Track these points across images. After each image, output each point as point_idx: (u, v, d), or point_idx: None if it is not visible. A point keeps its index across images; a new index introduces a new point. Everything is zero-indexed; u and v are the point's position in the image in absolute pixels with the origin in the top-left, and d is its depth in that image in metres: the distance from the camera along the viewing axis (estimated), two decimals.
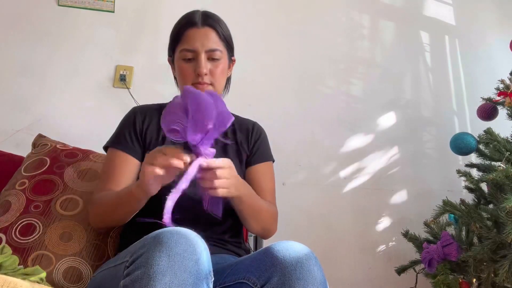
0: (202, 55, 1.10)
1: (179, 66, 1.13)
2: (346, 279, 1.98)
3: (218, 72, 1.12)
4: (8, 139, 1.91)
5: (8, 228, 1.13)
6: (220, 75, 1.13)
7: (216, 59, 1.12)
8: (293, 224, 1.96)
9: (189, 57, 1.11)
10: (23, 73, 2.01)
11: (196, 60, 1.10)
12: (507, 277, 1.25)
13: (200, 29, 1.11)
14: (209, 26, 1.12)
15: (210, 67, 1.11)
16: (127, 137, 1.15)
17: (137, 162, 1.13)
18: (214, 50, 1.11)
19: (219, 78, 1.13)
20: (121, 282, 0.75)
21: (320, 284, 0.82)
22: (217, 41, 1.12)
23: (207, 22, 1.12)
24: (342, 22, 2.25)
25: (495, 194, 1.44)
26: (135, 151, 1.14)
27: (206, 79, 1.11)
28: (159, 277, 0.71)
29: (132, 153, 1.13)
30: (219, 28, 1.13)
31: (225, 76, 1.18)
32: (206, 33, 1.11)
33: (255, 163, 1.22)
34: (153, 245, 0.75)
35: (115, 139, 1.16)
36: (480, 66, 2.25)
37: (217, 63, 1.12)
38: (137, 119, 1.17)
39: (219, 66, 1.12)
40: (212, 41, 1.11)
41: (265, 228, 1.16)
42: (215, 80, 1.12)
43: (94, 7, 2.10)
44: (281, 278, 0.81)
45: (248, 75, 2.08)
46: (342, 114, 2.15)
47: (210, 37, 1.11)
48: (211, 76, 1.11)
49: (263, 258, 0.86)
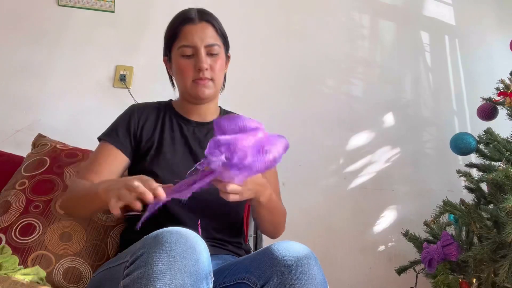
0: (201, 50, 1.09)
1: (178, 63, 1.12)
2: (346, 279, 1.98)
3: (217, 67, 1.12)
4: (8, 139, 1.91)
5: (8, 228, 1.13)
6: (220, 70, 1.13)
7: (215, 54, 1.11)
8: (293, 224, 1.94)
9: (188, 54, 1.10)
10: (23, 73, 2.01)
11: (195, 55, 1.10)
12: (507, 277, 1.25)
13: (197, 25, 1.10)
14: (206, 21, 1.12)
15: (209, 62, 1.10)
16: (119, 133, 1.14)
17: (125, 158, 1.13)
18: (212, 45, 1.10)
19: (219, 73, 1.13)
20: (121, 282, 0.75)
21: (319, 284, 0.82)
22: (215, 36, 1.12)
23: (204, 17, 1.12)
24: (342, 22, 2.25)
25: (495, 194, 1.44)
26: (125, 147, 1.13)
27: (207, 74, 1.10)
28: (159, 277, 0.71)
29: (122, 148, 1.13)
30: (216, 23, 1.13)
31: (224, 72, 1.18)
32: (204, 28, 1.10)
33: None
34: (153, 245, 0.75)
35: (109, 132, 1.16)
36: (480, 66, 2.25)
37: (216, 58, 1.11)
38: (133, 118, 1.17)
39: (218, 61, 1.12)
40: (210, 36, 1.11)
41: (277, 228, 1.18)
42: (215, 75, 1.12)
43: (94, 7, 2.10)
44: (281, 278, 0.81)
45: (248, 75, 2.09)
46: (342, 114, 2.15)
47: (208, 32, 1.11)
48: (211, 71, 1.11)
49: (262, 258, 0.86)
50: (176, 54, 1.12)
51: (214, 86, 1.13)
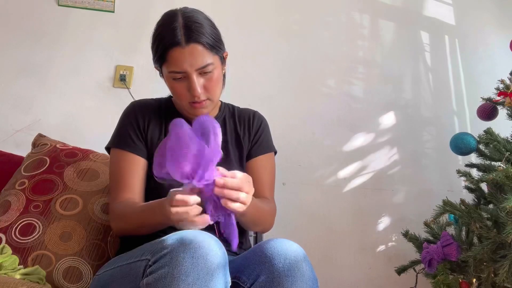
0: (193, 76, 1.03)
1: (171, 85, 1.08)
2: (346, 279, 1.98)
3: (212, 85, 1.07)
4: (8, 139, 1.91)
5: (8, 228, 1.13)
6: (215, 86, 1.08)
7: (208, 72, 1.05)
8: (293, 224, 1.96)
9: (179, 77, 1.04)
10: (23, 73, 2.01)
11: (187, 79, 1.04)
12: (507, 277, 1.25)
13: (185, 48, 1.01)
14: (194, 41, 1.02)
15: (203, 83, 1.05)
16: (132, 136, 1.12)
17: (144, 161, 1.11)
18: (204, 66, 1.03)
19: (215, 89, 1.08)
20: (144, 280, 0.78)
21: (309, 280, 0.83)
22: (205, 55, 1.03)
23: (191, 37, 1.02)
24: (342, 22, 2.25)
25: (495, 194, 1.44)
26: (140, 150, 1.12)
27: (202, 97, 1.06)
28: (182, 277, 0.74)
29: (139, 153, 1.11)
30: (204, 39, 1.03)
31: (221, 82, 1.12)
32: (192, 52, 1.01)
33: (256, 155, 1.21)
34: (176, 246, 0.77)
35: (119, 139, 1.14)
36: (480, 66, 2.25)
37: (210, 75, 1.05)
38: (138, 115, 1.15)
39: (213, 77, 1.06)
40: (200, 58, 1.02)
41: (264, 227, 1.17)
42: (211, 93, 1.08)
43: (94, 7, 2.10)
44: (269, 276, 0.82)
45: (248, 75, 2.09)
46: (342, 114, 2.15)
47: (197, 54, 1.02)
48: (206, 92, 1.06)
49: (252, 256, 0.88)
50: (167, 76, 1.07)
51: (212, 102, 1.11)
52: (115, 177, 1.11)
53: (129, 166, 1.10)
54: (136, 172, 1.10)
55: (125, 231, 1.07)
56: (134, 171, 1.10)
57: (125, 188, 1.08)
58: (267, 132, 1.27)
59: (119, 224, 1.07)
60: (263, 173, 1.19)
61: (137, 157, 1.11)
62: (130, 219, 1.03)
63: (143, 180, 1.11)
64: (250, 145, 1.22)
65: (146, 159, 1.12)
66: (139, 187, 1.09)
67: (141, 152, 1.12)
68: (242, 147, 1.20)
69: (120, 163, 1.11)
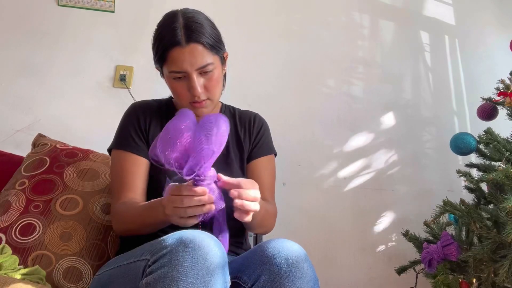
0: (193, 76, 1.04)
1: (171, 85, 1.09)
2: (346, 279, 1.98)
3: (213, 85, 1.07)
4: (8, 139, 1.91)
5: (8, 228, 1.13)
6: (216, 85, 1.09)
7: (208, 72, 1.06)
8: (293, 224, 1.96)
9: (179, 77, 1.05)
10: (23, 73, 2.01)
11: (187, 79, 1.05)
12: (507, 277, 1.25)
13: (185, 48, 1.02)
14: (194, 41, 1.03)
15: (203, 82, 1.06)
16: (133, 136, 1.13)
17: (146, 161, 1.12)
18: (204, 66, 1.04)
19: (215, 89, 1.09)
20: (144, 280, 0.78)
21: (310, 280, 0.83)
22: (205, 55, 1.04)
23: (191, 37, 1.03)
24: (342, 22, 2.25)
25: (495, 194, 1.44)
26: (142, 150, 1.12)
27: (202, 97, 1.07)
28: (182, 277, 0.74)
29: (140, 153, 1.12)
30: (205, 39, 1.04)
31: (221, 82, 1.13)
32: (192, 51, 1.02)
33: (256, 156, 1.21)
34: (176, 246, 0.77)
35: (120, 140, 1.14)
36: (480, 66, 2.25)
37: (210, 75, 1.06)
38: (139, 116, 1.16)
39: (213, 77, 1.07)
40: (201, 57, 1.03)
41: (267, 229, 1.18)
42: (211, 93, 1.08)
43: (94, 7, 2.10)
44: (271, 276, 0.82)
45: (248, 75, 2.09)
46: (342, 114, 2.15)
47: (197, 54, 1.03)
48: (207, 92, 1.07)
49: (253, 256, 0.88)
50: (167, 76, 1.08)
51: (213, 102, 1.11)
52: (117, 178, 1.11)
53: (131, 167, 1.10)
54: (138, 173, 1.10)
55: (127, 231, 1.08)
56: (136, 172, 1.10)
57: (127, 189, 1.08)
58: (268, 134, 1.28)
59: (122, 224, 1.07)
60: (263, 175, 1.20)
61: (139, 157, 1.11)
62: (133, 219, 1.04)
63: (145, 180, 1.11)
64: (251, 147, 1.22)
65: (147, 159, 1.12)
66: (141, 188, 1.10)
67: (143, 153, 1.12)
68: (243, 149, 1.21)
69: (122, 164, 1.11)
